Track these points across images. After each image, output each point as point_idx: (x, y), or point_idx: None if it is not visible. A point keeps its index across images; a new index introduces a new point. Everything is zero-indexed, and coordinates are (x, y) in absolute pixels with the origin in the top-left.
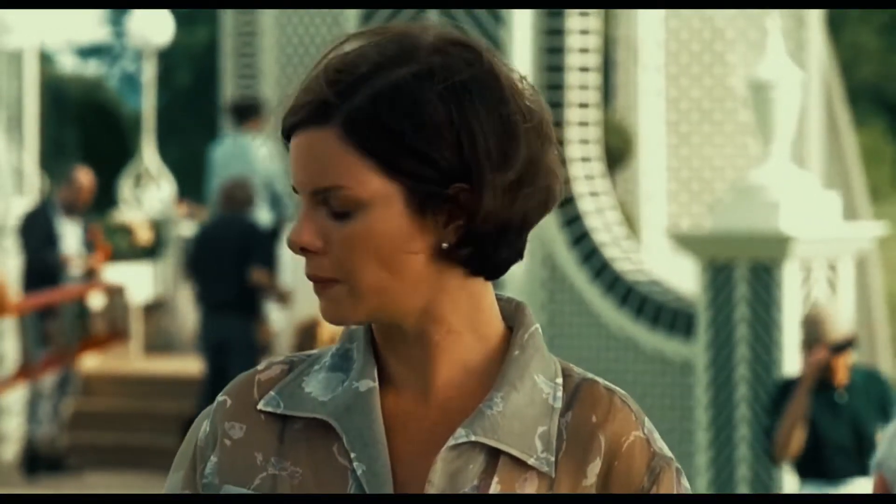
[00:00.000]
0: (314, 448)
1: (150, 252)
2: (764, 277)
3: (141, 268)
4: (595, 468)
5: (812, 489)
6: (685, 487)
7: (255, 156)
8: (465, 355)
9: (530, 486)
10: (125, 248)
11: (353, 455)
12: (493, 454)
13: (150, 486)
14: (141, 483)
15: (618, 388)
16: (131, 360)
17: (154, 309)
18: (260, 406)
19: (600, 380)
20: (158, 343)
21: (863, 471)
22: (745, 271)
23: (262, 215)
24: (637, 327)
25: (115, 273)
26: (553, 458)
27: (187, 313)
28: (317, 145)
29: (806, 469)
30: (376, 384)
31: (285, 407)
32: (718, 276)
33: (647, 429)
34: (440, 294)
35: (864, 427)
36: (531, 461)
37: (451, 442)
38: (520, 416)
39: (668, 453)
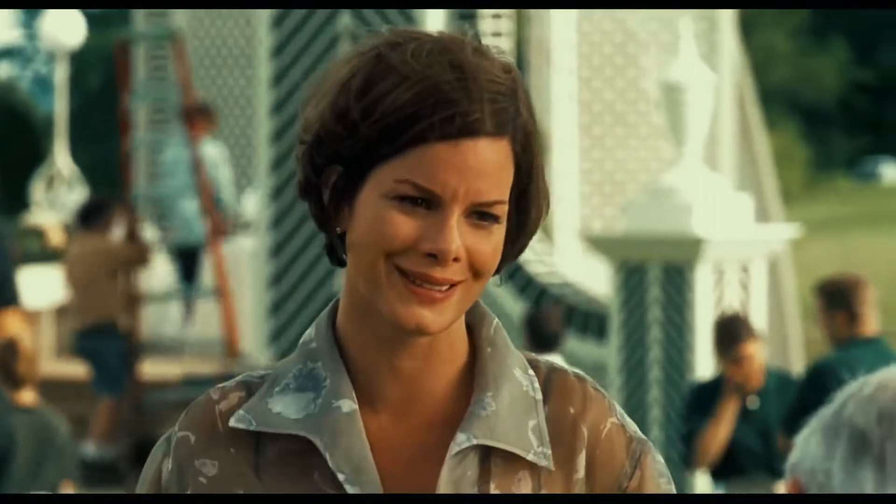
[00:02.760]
0: (293, 477)
1: (63, 254)
2: (676, 279)
3: (53, 270)
4: (582, 460)
5: (724, 491)
6: (660, 463)
7: (203, 159)
8: (447, 360)
9: (525, 486)
10: (37, 250)
11: (342, 477)
12: (486, 457)
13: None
14: None
15: (584, 374)
16: (42, 362)
17: (65, 311)
18: (232, 423)
19: (566, 367)
20: (68, 345)
21: (772, 474)
22: (657, 273)
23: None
24: None
25: (25, 276)
26: (549, 451)
27: None
28: (494, 157)
29: (717, 472)
30: (357, 406)
31: (258, 424)
32: (631, 278)
33: (619, 413)
34: None
35: (774, 432)
36: (529, 456)
37: (454, 449)
38: (511, 412)
39: (641, 434)
